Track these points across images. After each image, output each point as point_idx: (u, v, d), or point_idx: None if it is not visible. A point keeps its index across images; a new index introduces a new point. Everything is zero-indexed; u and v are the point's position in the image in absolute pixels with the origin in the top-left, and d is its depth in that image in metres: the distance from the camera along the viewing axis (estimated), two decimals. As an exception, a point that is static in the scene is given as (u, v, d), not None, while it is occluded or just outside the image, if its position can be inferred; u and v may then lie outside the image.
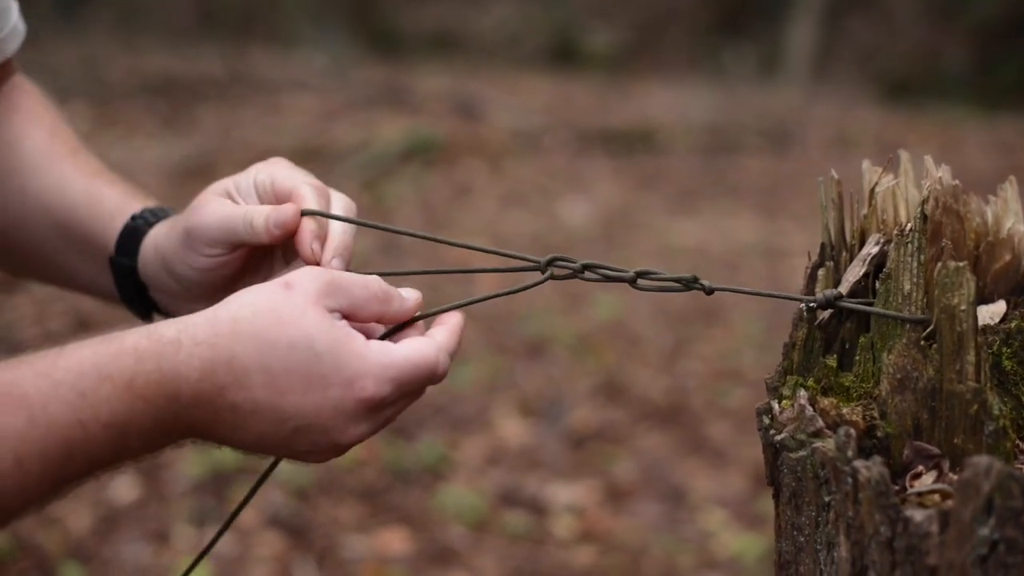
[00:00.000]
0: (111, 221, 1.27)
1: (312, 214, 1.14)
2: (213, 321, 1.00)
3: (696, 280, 1.09)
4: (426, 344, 1.05)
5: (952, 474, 0.93)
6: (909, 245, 0.98)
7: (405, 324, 1.08)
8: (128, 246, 1.25)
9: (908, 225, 0.99)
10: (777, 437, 0.97)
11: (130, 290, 1.27)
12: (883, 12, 12.15)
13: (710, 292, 1.09)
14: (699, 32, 12.62)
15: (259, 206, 1.15)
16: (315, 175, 1.20)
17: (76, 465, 0.95)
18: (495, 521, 3.41)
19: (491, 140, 7.95)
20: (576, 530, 3.41)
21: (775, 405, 1.00)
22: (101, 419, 0.95)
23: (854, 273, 1.02)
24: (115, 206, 1.28)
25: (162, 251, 1.21)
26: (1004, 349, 0.98)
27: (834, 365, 1.00)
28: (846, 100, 9.92)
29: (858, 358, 1.00)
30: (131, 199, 1.30)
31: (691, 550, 3.33)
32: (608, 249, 5.78)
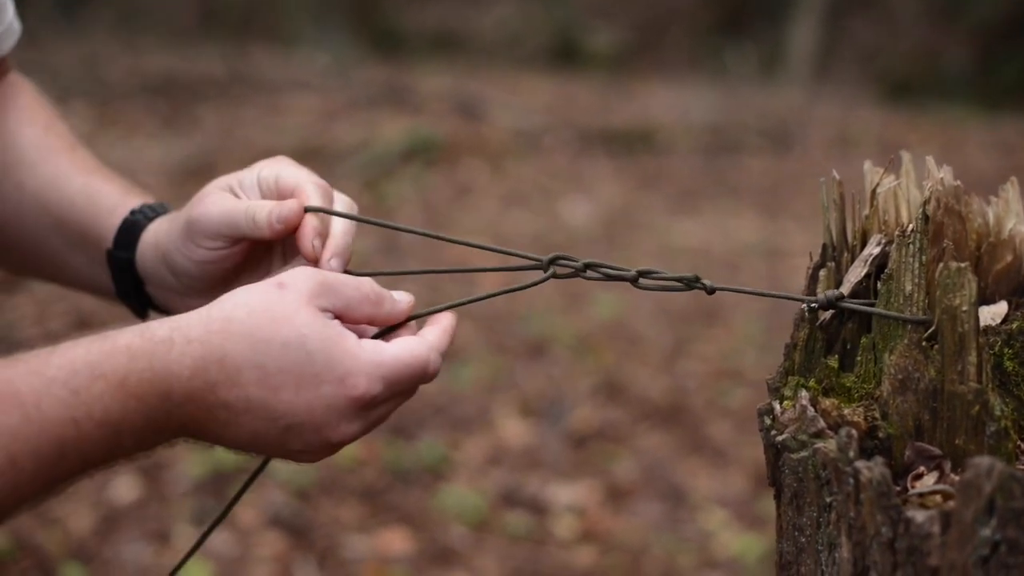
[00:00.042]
0: (109, 216, 1.27)
1: (315, 210, 1.14)
2: (206, 320, 1.00)
3: (698, 280, 1.09)
4: (417, 343, 1.05)
5: (954, 475, 0.93)
6: (911, 246, 0.98)
7: (397, 326, 1.09)
8: (126, 240, 1.25)
9: (910, 226, 0.99)
10: (778, 438, 0.97)
11: (127, 285, 1.27)
12: (884, 12, 12.15)
13: (712, 292, 1.09)
14: (700, 32, 12.62)
15: (262, 201, 1.15)
16: (316, 175, 1.20)
17: (69, 463, 0.95)
18: (496, 521, 3.41)
19: (492, 140, 7.95)
20: (577, 530, 3.41)
21: (776, 406, 1.00)
22: (94, 417, 0.95)
23: (856, 274, 1.02)
24: (113, 201, 1.29)
25: (162, 244, 1.21)
26: (1006, 350, 0.98)
27: (835, 366, 1.00)
28: (847, 100, 9.92)
29: (859, 359, 1.00)
30: (129, 195, 1.30)
31: (692, 550, 3.33)
32: (609, 249, 5.78)
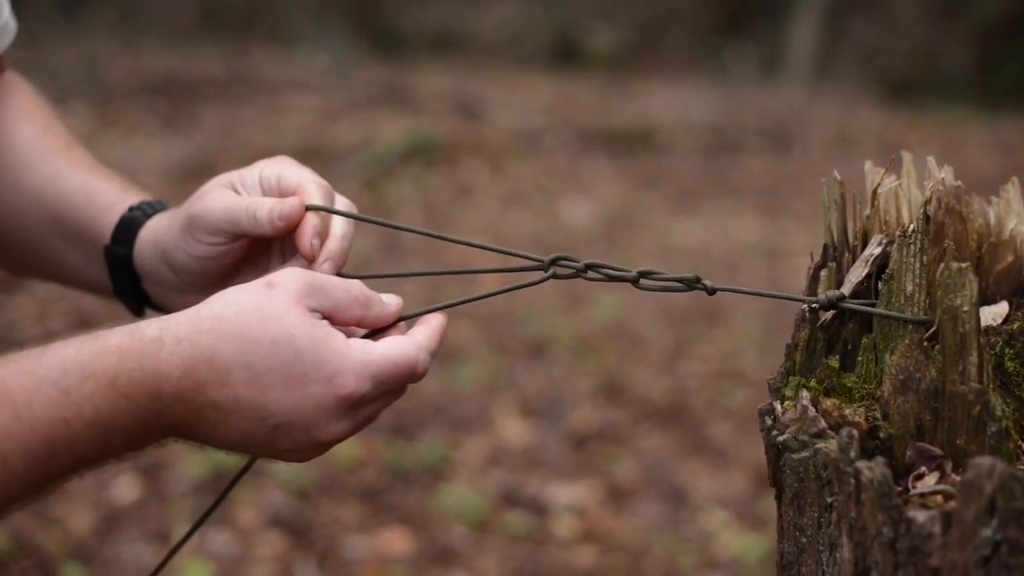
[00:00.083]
0: (107, 213, 1.28)
1: (316, 209, 1.14)
2: (195, 320, 1.00)
3: (699, 280, 1.09)
4: (406, 342, 1.05)
5: (955, 475, 0.93)
6: (912, 246, 0.98)
7: (387, 328, 1.09)
8: (124, 236, 1.26)
9: (911, 226, 0.99)
10: (780, 438, 0.97)
11: (124, 282, 1.27)
12: (884, 12, 12.15)
13: (712, 292, 1.09)
14: (700, 32, 12.62)
15: (263, 198, 1.16)
16: (318, 175, 1.20)
17: (59, 462, 0.96)
18: (496, 521, 3.41)
19: (492, 140, 7.95)
20: (577, 530, 3.41)
21: (777, 406, 1.00)
22: (84, 417, 0.95)
23: (856, 274, 1.02)
24: (112, 199, 1.29)
25: (161, 241, 1.21)
26: (1007, 350, 0.98)
27: (836, 366, 1.00)
28: (847, 100, 9.92)
29: (860, 359, 1.00)
30: (128, 193, 1.30)
31: (692, 550, 3.33)
32: (609, 249, 5.78)
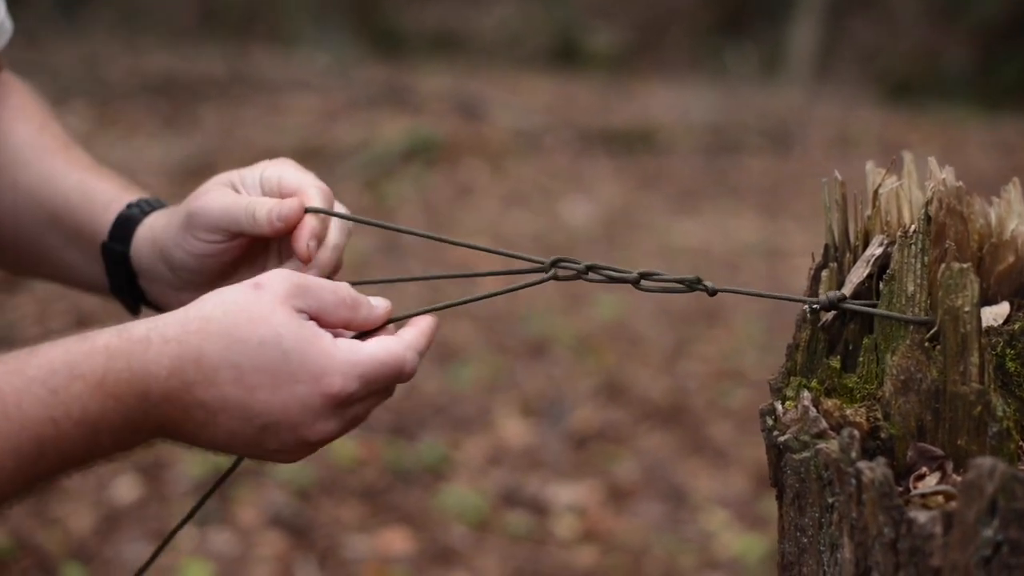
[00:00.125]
0: (104, 211, 1.28)
1: (316, 211, 1.14)
2: (183, 320, 1.01)
3: (699, 281, 1.09)
4: (395, 342, 1.05)
5: (956, 476, 0.93)
6: (913, 246, 0.98)
7: (375, 330, 1.08)
8: (121, 233, 1.26)
9: (912, 226, 0.99)
10: (781, 438, 0.97)
11: (120, 279, 1.27)
12: (884, 12, 12.14)
13: (713, 293, 1.09)
14: (700, 32, 12.61)
15: (263, 198, 1.16)
16: (316, 175, 1.20)
17: (48, 462, 0.96)
18: (496, 521, 3.41)
19: (492, 140, 7.94)
20: (577, 530, 3.41)
21: (778, 406, 1.00)
22: (73, 417, 0.95)
23: (858, 274, 1.02)
24: (109, 197, 1.29)
25: (159, 238, 1.22)
26: (1008, 351, 0.97)
27: (838, 366, 1.00)
28: (848, 100, 9.91)
29: (862, 359, 1.00)
30: (125, 191, 1.31)
31: (693, 550, 3.33)
32: (609, 249, 5.78)
